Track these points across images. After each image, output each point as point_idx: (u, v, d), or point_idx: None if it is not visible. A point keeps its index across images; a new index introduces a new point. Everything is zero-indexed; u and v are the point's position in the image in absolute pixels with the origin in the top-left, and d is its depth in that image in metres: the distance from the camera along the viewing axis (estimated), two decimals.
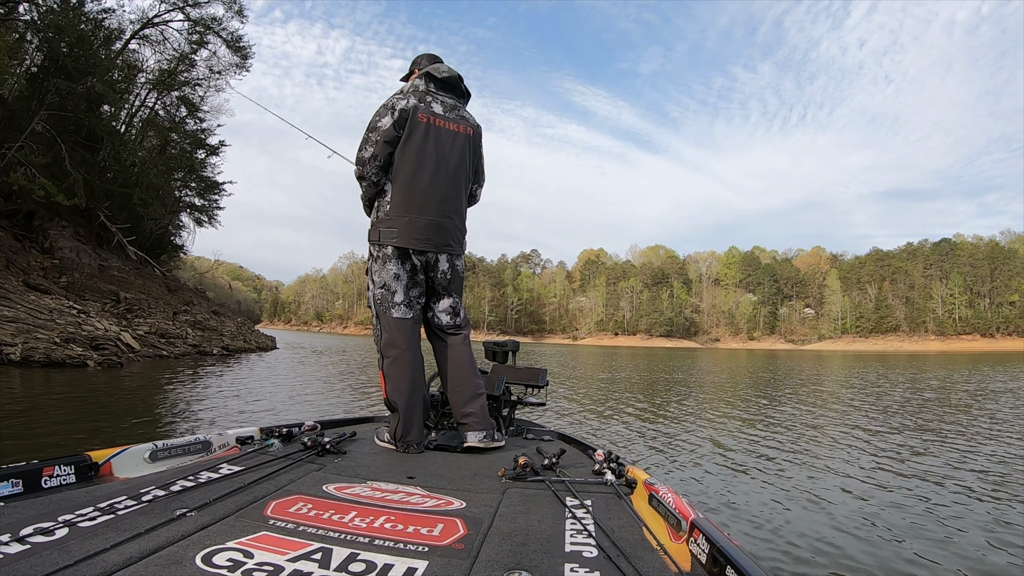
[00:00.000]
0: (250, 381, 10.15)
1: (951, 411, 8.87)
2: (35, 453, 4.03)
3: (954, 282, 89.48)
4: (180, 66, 22.61)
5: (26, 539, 1.04)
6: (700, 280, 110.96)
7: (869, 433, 6.59)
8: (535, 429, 2.81)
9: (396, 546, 1.14)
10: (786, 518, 3.33)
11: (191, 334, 16.09)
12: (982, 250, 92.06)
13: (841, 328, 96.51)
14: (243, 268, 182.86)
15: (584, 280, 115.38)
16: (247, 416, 6.37)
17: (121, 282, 16.85)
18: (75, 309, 12.58)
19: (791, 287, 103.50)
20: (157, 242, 24.00)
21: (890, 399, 10.52)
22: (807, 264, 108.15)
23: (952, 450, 5.61)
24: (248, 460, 1.78)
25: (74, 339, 11.02)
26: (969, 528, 3.22)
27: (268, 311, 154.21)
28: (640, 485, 1.65)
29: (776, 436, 6.31)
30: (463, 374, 2.38)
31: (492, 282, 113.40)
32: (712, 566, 1.07)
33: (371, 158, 2.29)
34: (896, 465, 4.88)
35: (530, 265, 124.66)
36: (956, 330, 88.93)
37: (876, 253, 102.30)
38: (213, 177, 26.40)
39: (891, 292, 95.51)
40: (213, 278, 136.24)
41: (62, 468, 1.44)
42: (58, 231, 16.36)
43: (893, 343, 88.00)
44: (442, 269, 2.35)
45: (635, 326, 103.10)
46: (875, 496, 3.87)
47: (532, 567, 1.07)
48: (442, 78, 2.39)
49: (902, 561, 2.73)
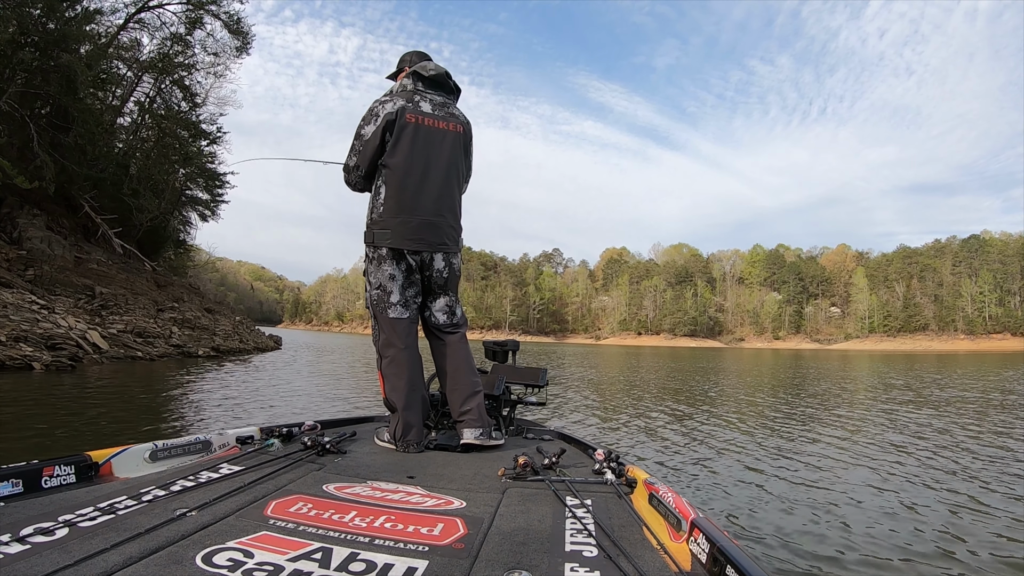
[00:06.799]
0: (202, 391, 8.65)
1: (989, 413, 8.22)
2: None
3: (984, 279, 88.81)
4: (175, 47, 21.10)
5: (26, 539, 1.04)
6: (724, 279, 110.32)
7: (892, 441, 6.02)
8: (535, 429, 2.80)
9: (396, 546, 1.14)
10: (787, 518, 3.28)
11: (176, 333, 14.83)
12: (1012, 247, 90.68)
13: (868, 327, 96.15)
14: (265, 269, 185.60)
15: (607, 279, 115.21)
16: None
17: (100, 276, 15.61)
18: (37, 304, 11.35)
19: (816, 285, 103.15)
20: (154, 235, 22.79)
21: (924, 401, 9.52)
22: (832, 262, 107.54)
23: (976, 456, 5.15)
24: (248, 460, 1.78)
25: (25, 338, 9.72)
26: (980, 535, 3.07)
27: (289, 311, 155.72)
28: (640, 484, 1.65)
29: (787, 437, 6.06)
30: (460, 372, 2.39)
31: (514, 281, 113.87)
32: (712, 565, 1.07)
33: (355, 167, 2.36)
34: (912, 471, 4.57)
35: (552, 264, 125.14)
36: (986, 329, 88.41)
37: (903, 250, 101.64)
38: (214, 168, 25.30)
39: (919, 290, 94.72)
40: (236, 279, 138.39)
41: (62, 468, 1.45)
42: (28, 220, 15.03)
43: (922, 342, 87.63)
44: (437, 268, 2.36)
45: (659, 326, 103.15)
46: (882, 499, 3.72)
47: (532, 566, 1.08)
48: (429, 76, 2.39)
49: (902, 561, 2.68)
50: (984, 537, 3.05)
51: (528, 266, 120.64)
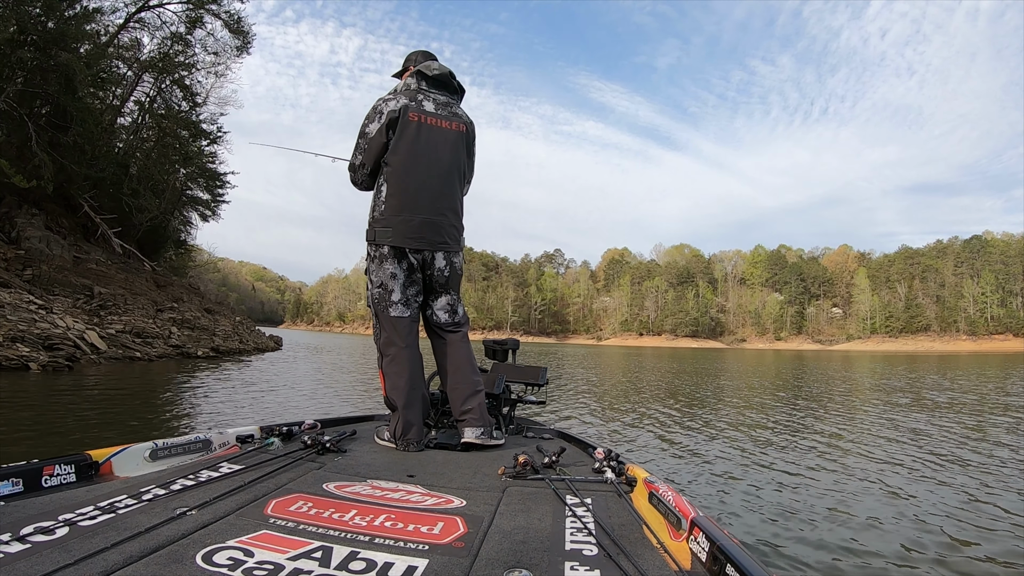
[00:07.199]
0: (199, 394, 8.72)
1: (993, 414, 8.12)
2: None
3: (986, 280, 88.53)
4: (175, 46, 21.06)
5: (26, 538, 1.04)
6: (726, 279, 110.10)
7: (892, 440, 6.03)
8: (535, 427, 2.79)
9: (396, 544, 1.14)
10: (787, 517, 3.27)
11: (175, 333, 14.79)
12: (1014, 247, 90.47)
13: (870, 328, 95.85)
14: (266, 269, 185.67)
15: (608, 280, 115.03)
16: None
17: (99, 276, 15.54)
18: (35, 304, 11.32)
19: (818, 286, 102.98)
20: (155, 235, 22.77)
21: (926, 404, 9.29)
22: (834, 263, 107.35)
23: (977, 458, 5.06)
24: (248, 459, 1.78)
25: (23, 338, 9.69)
26: (981, 536, 3.05)
27: (291, 312, 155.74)
28: (640, 483, 1.65)
29: (788, 438, 6.04)
30: (462, 371, 2.39)
31: (515, 282, 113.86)
32: (712, 564, 1.07)
33: (360, 166, 2.37)
34: (914, 472, 4.53)
35: (553, 265, 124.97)
36: (988, 329, 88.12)
37: (905, 251, 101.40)
38: (215, 167, 25.37)
39: (921, 291, 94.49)
40: (237, 279, 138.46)
41: (62, 467, 1.45)
42: (27, 219, 14.99)
43: (924, 343, 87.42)
44: (439, 266, 2.36)
45: (660, 326, 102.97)
46: (883, 500, 3.71)
47: (532, 565, 1.08)
48: (433, 75, 2.40)
49: (903, 562, 2.68)
50: (984, 538, 3.01)
51: (530, 267, 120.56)
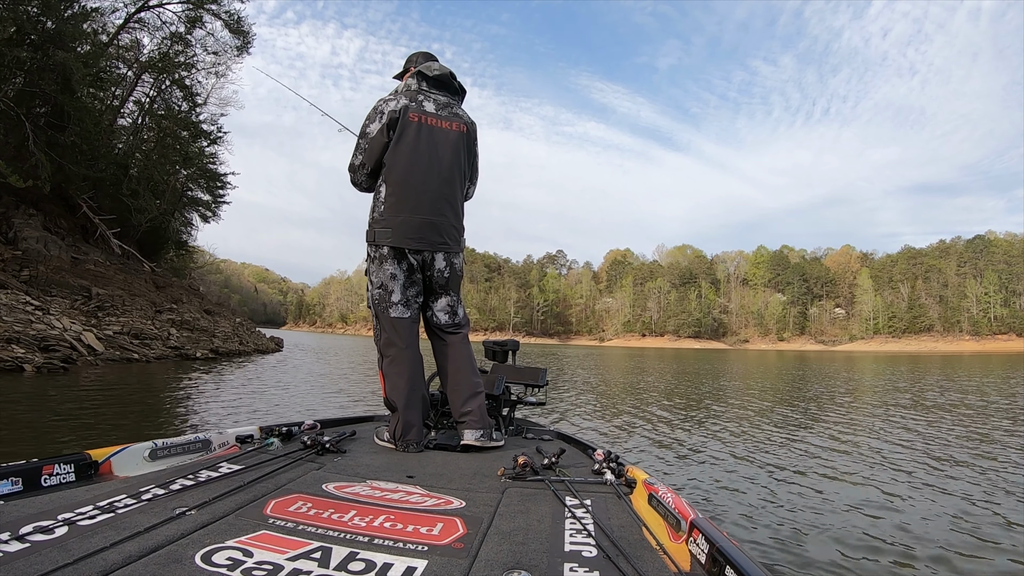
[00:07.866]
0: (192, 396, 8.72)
1: (997, 419, 7.86)
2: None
3: (989, 280, 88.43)
4: (175, 46, 21.03)
5: (26, 537, 1.04)
6: (728, 280, 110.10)
7: (892, 442, 5.97)
8: (535, 428, 2.79)
9: (396, 545, 1.14)
10: (787, 519, 3.26)
11: (174, 335, 14.69)
12: (1017, 247, 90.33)
13: (873, 328, 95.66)
14: (269, 271, 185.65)
15: (611, 281, 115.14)
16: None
17: (97, 277, 15.45)
18: (31, 305, 11.26)
19: (821, 287, 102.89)
20: (155, 236, 22.75)
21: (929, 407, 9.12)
22: (837, 263, 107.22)
23: (984, 465, 4.87)
24: (248, 459, 1.78)
25: (18, 339, 9.62)
26: (981, 537, 3.03)
27: (293, 313, 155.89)
28: (640, 485, 1.64)
29: (790, 440, 6.00)
30: (462, 373, 2.38)
31: (518, 283, 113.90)
32: (711, 566, 1.07)
33: (360, 166, 2.36)
34: (915, 474, 4.48)
35: (556, 266, 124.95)
36: (991, 330, 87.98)
37: (908, 251, 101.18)
38: (215, 168, 25.39)
39: (924, 291, 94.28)
40: (240, 281, 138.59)
41: (62, 467, 1.45)
42: (24, 220, 14.89)
43: (927, 343, 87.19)
44: (439, 267, 2.35)
45: (663, 327, 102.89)
46: (883, 502, 3.70)
47: (532, 566, 1.07)
48: (434, 76, 2.40)
49: (904, 562, 2.67)
50: (985, 539, 2.99)
51: (532, 268, 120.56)
